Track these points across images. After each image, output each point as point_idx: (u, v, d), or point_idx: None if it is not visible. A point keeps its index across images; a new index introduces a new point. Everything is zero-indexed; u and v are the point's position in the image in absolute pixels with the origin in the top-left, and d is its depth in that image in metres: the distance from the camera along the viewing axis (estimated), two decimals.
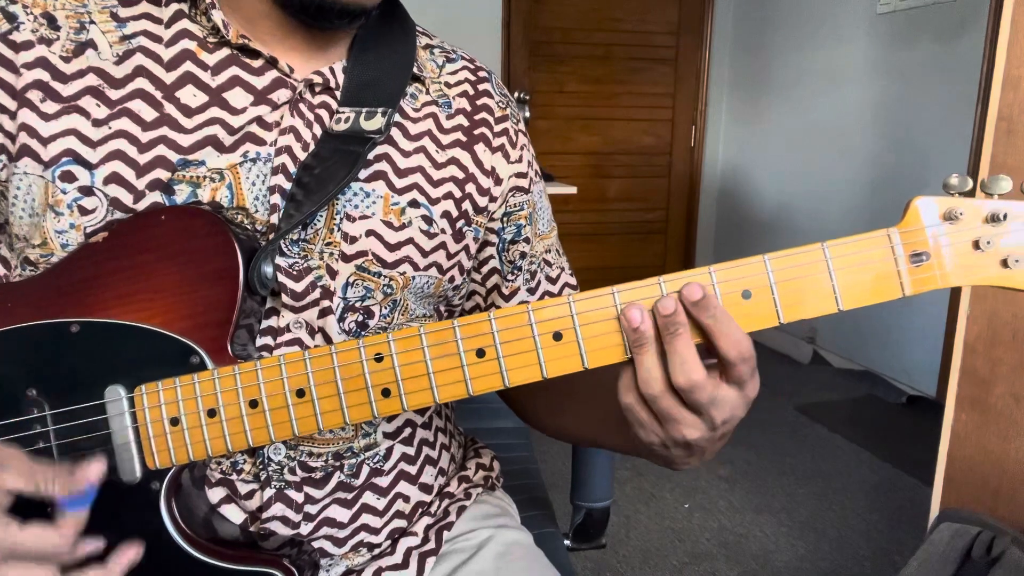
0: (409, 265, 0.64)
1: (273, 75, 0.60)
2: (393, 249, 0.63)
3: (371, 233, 0.62)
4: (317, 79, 0.61)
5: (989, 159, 1.24)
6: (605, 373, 0.51)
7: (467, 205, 0.67)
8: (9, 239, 0.58)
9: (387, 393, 0.51)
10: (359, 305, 0.62)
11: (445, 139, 0.67)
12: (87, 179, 0.56)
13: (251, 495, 0.60)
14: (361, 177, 0.62)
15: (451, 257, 0.67)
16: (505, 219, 0.71)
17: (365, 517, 0.66)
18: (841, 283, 0.48)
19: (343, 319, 0.61)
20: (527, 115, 2.97)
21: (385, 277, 0.63)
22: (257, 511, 0.61)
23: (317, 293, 0.60)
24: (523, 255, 0.73)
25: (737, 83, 3.90)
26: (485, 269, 0.72)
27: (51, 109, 0.56)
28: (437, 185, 0.65)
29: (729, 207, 4.01)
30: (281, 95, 0.60)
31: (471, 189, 0.67)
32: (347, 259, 0.61)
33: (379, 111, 0.61)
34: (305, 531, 0.62)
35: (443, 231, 0.66)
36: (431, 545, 0.69)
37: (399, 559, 0.67)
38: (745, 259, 0.48)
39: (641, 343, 0.48)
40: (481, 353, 0.50)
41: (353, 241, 0.61)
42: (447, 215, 0.66)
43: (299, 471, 0.61)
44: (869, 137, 3.04)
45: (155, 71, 0.58)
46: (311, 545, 0.63)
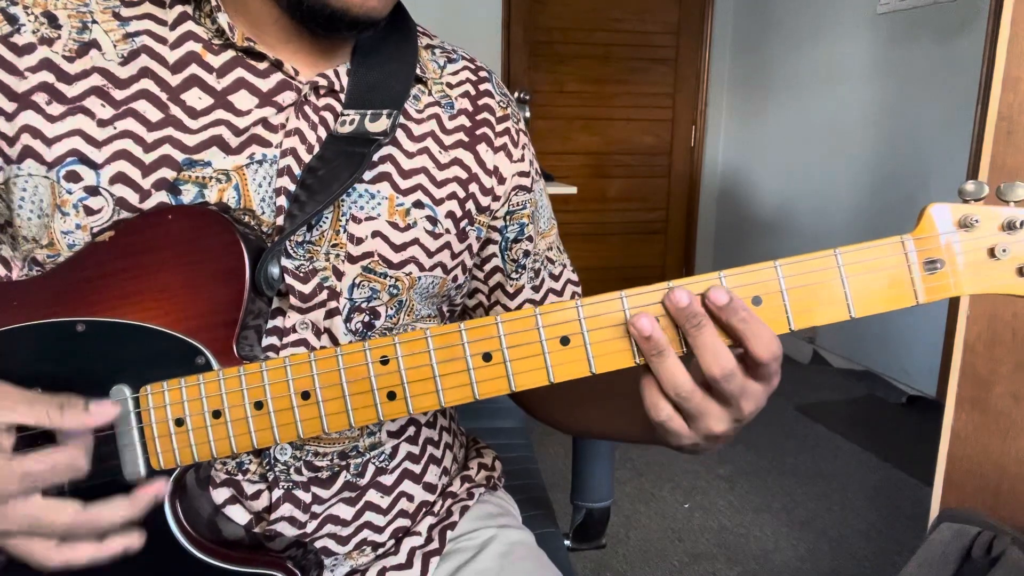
0: (415, 266, 0.64)
1: (278, 77, 0.60)
2: (399, 250, 0.63)
3: (377, 234, 0.62)
4: (322, 82, 0.61)
5: (989, 159, 1.24)
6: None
7: (470, 205, 0.68)
8: (11, 240, 0.59)
9: (393, 396, 0.51)
10: (365, 306, 0.62)
11: (448, 139, 0.67)
12: (93, 179, 0.56)
13: (258, 495, 0.60)
14: (366, 179, 0.62)
15: (455, 257, 0.67)
16: (508, 218, 0.71)
17: (369, 515, 0.66)
18: (853, 290, 0.47)
19: (349, 320, 0.62)
20: (527, 115, 2.97)
21: (391, 278, 0.63)
22: (264, 511, 0.61)
23: (324, 294, 0.60)
24: (527, 253, 0.73)
25: (737, 83, 3.90)
26: (488, 267, 0.73)
27: (57, 111, 0.56)
28: (441, 186, 0.66)
29: (729, 207, 4.01)
30: (286, 97, 0.60)
31: (474, 189, 0.68)
32: (353, 260, 0.61)
33: (383, 113, 0.61)
34: (309, 529, 0.62)
35: (447, 231, 0.66)
36: (435, 545, 0.69)
37: (403, 559, 0.67)
38: (756, 265, 0.48)
39: (657, 351, 0.47)
40: (488, 357, 0.50)
41: (359, 242, 0.61)
42: (451, 215, 0.66)
43: (305, 471, 0.62)
44: (869, 137, 3.04)
45: (160, 73, 0.58)
46: (314, 546, 0.63)
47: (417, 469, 0.70)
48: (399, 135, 0.64)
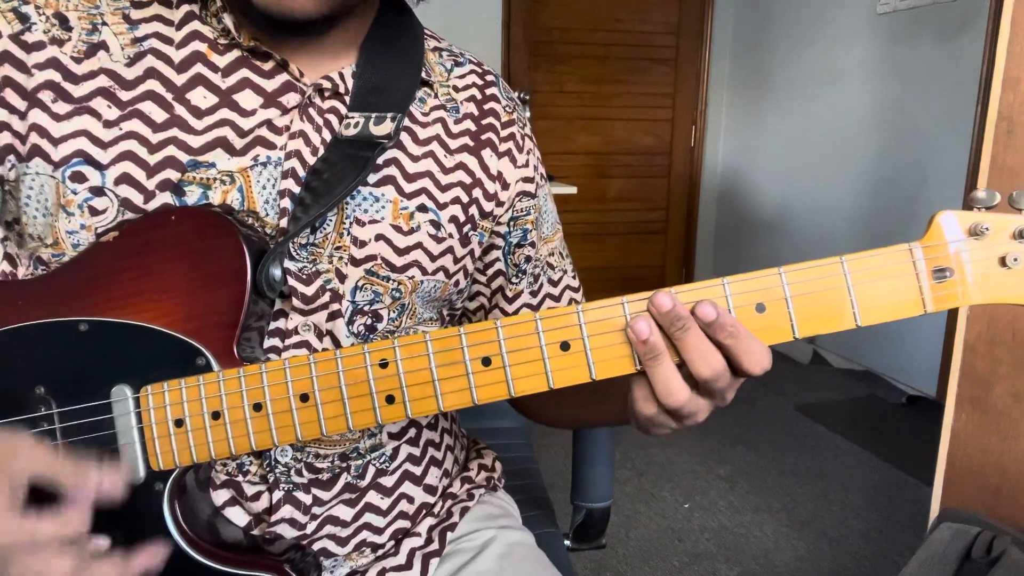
0: (417, 269, 0.64)
1: (283, 78, 0.60)
2: (402, 253, 0.63)
3: (380, 237, 0.62)
4: (326, 84, 0.61)
5: (989, 159, 1.24)
6: None
7: (474, 210, 0.67)
8: (18, 237, 0.59)
9: (391, 400, 0.51)
10: (368, 309, 0.62)
11: (453, 144, 0.67)
12: (98, 180, 0.56)
13: (258, 497, 0.60)
14: (370, 182, 0.62)
15: (457, 261, 0.67)
16: (512, 223, 0.71)
17: (368, 516, 0.66)
18: (860, 298, 0.47)
19: (352, 322, 0.62)
20: (527, 115, 2.97)
21: (394, 281, 0.63)
22: (265, 513, 0.61)
23: (327, 297, 0.60)
24: (528, 259, 0.73)
25: (737, 83, 3.90)
26: (490, 271, 0.73)
27: (62, 110, 0.56)
28: (445, 190, 0.65)
29: (729, 207, 4.01)
30: (290, 99, 0.60)
31: (478, 194, 0.68)
32: (356, 263, 0.61)
33: (388, 116, 0.61)
34: (309, 530, 0.62)
35: (450, 236, 0.66)
36: (435, 546, 0.69)
37: (403, 560, 0.67)
38: (760, 271, 0.47)
39: (653, 355, 0.47)
40: (487, 361, 0.49)
41: (363, 245, 0.61)
42: (454, 220, 0.66)
43: (306, 472, 0.62)
44: (869, 137, 3.04)
45: (166, 72, 0.58)
46: (313, 548, 0.63)
47: (418, 471, 0.70)
48: (404, 138, 0.64)
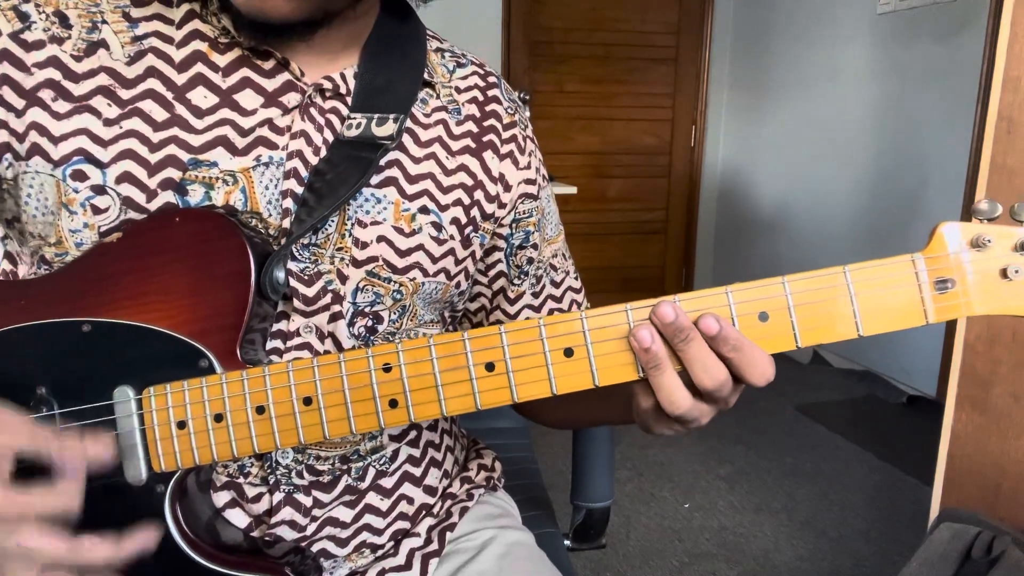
0: (419, 271, 0.64)
1: (284, 78, 0.60)
2: (403, 255, 0.63)
3: (382, 239, 0.62)
4: (327, 84, 0.61)
5: (989, 159, 1.24)
6: None
7: (475, 212, 0.67)
8: (19, 235, 0.59)
9: (394, 404, 0.51)
10: (369, 310, 0.62)
11: (455, 145, 0.67)
12: (99, 178, 0.56)
13: (258, 498, 0.61)
14: (372, 183, 0.62)
15: (459, 263, 0.67)
16: (514, 225, 0.71)
17: (368, 517, 0.66)
18: (862, 308, 0.47)
19: (353, 324, 0.62)
20: (527, 115, 2.97)
21: (395, 283, 0.63)
22: (265, 515, 0.61)
23: (328, 298, 0.60)
24: (530, 260, 0.73)
25: (737, 83, 3.90)
26: (492, 272, 0.73)
27: (63, 108, 0.56)
28: (447, 192, 0.65)
29: (729, 207, 4.01)
30: (291, 99, 0.60)
31: (479, 196, 0.67)
32: (358, 264, 0.61)
33: (390, 117, 0.61)
34: (308, 532, 0.62)
35: (452, 237, 0.66)
36: (434, 546, 0.69)
37: (402, 560, 0.67)
38: (763, 280, 0.47)
39: (655, 363, 0.47)
40: (491, 367, 0.49)
41: (364, 247, 0.61)
42: (456, 222, 0.66)
43: (306, 474, 0.62)
44: (869, 137, 3.04)
45: (166, 72, 0.58)
46: (312, 550, 0.63)
47: (418, 472, 0.70)
48: (406, 140, 0.64)
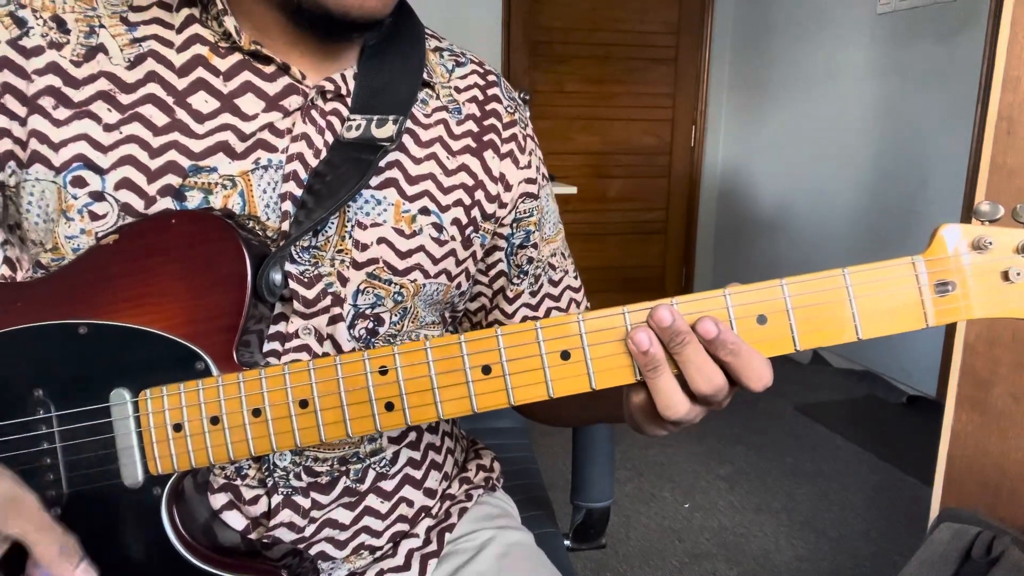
0: (420, 273, 0.64)
1: (285, 81, 0.60)
2: (404, 257, 0.63)
3: (382, 241, 0.62)
4: (328, 86, 0.60)
5: (989, 159, 1.24)
6: None
7: (476, 212, 0.67)
8: (20, 242, 0.59)
9: (391, 407, 0.50)
10: (369, 312, 0.62)
11: (455, 145, 0.66)
12: (98, 184, 0.55)
13: (256, 500, 0.60)
14: (372, 184, 0.61)
15: (459, 264, 0.67)
16: (514, 225, 0.71)
17: (367, 520, 0.66)
18: (862, 311, 0.46)
19: (353, 326, 0.61)
20: (527, 114, 2.97)
21: (396, 284, 0.63)
22: (263, 517, 0.61)
23: (328, 300, 0.60)
24: (530, 260, 0.73)
25: (737, 83, 3.90)
26: (492, 272, 0.72)
27: (63, 115, 0.55)
28: (447, 192, 0.65)
29: (729, 207, 4.01)
30: (292, 102, 0.60)
31: (480, 196, 0.67)
32: (358, 266, 0.61)
33: (390, 119, 0.61)
34: (307, 533, 0.62)
35: (453, 238, 0.65)
36: (433, 547, 0.69)
37: (400, 561, 0.67)
38: (761, 283, 0.47)
39: (653, 366, 0.46)
40: (487, 370, 0.49)
41: (364, 248, 0.61)
42: (457, 222, 0.66)
43: (305, 476, 0.62)
44: (869, 137, 3.04)
45: (167, 76, 0.58)
46: (310, 553, 0.63)
47: (418, 475, 0.70)
48: (406, 140, 0.64)
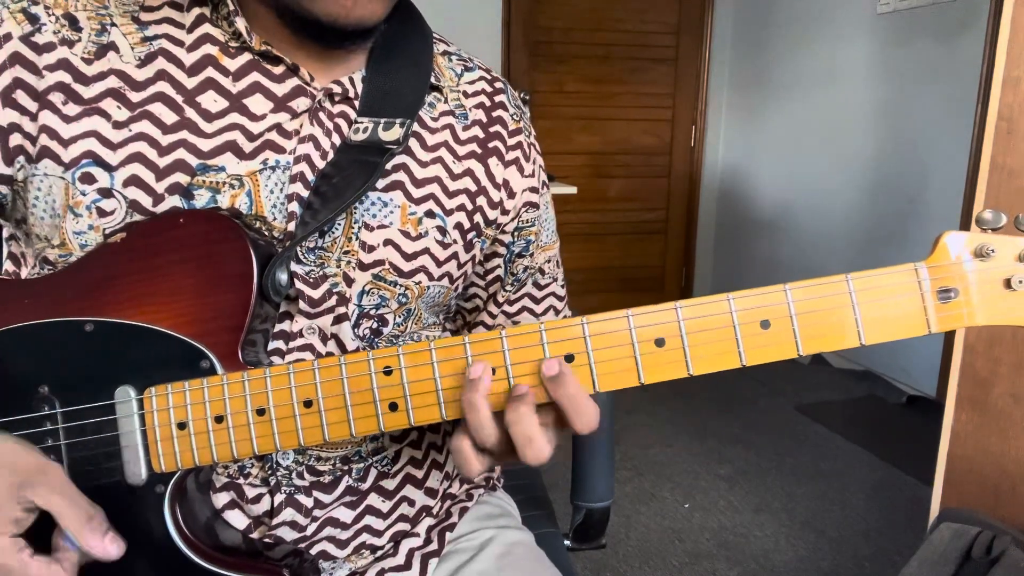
0: (424, 275, 0.64)
1: (294, 83, 0.60)
2: (409, 259, 0.63)
3: (388, 242, 0.62)
4: (336, 88, 0.61)
5: (989, 159, 1.25)
6: None
7: (478, 217, 0.67)
8: (25, 237, 0.59)
9: (395, 407, 0.51)
10: (374, 313, 0.62)
11: (461, 150, 0.67)
12: (107, 181, 0.56)
13: (258, 499, 0.61)
14: (379, 187, 0.62)
15: (460, 267, 0.67)
16: (516, 234, 0.71)
17: (369, 519, 0.66)
18: (865, 317, 0.46)
19: (357, 326, 0.62)
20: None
21: (401, 286, 0.63)
22: (265, 516, 0.61)
23: (333, 300, 0.60)
24: (526, 268, 0.73)
25: (737, 83, 3.90)
26: (490, 277, 0.73)
27: (72, 111, 0.56)
28: (452, 196, 0.65)
29: (729, 207, 4.01)
30: (301, 103, 0.60)
31: (482, 202, 0.67)
32: (364, 268, 0.61)
33: (397, 122, 0.61)
34: (309, 532, 0.62)
35: (455, 242, 0.66)
36: (433, 546, 0.69)
37: (401, 560, 0.67)
38: (765, 288, 0.47)
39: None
40: (491, 371, 0.50)
41: (371, 250, 0.61)
42: (459, 226, 0.66)
43: (307, 475, 0.62)
44: (869, 137, 3.04)
45: (176, 75, 0.58)
46: (311, 553, 0.63)
47: (419, 474, 0.70)
48: (413, 143, 0.64)
